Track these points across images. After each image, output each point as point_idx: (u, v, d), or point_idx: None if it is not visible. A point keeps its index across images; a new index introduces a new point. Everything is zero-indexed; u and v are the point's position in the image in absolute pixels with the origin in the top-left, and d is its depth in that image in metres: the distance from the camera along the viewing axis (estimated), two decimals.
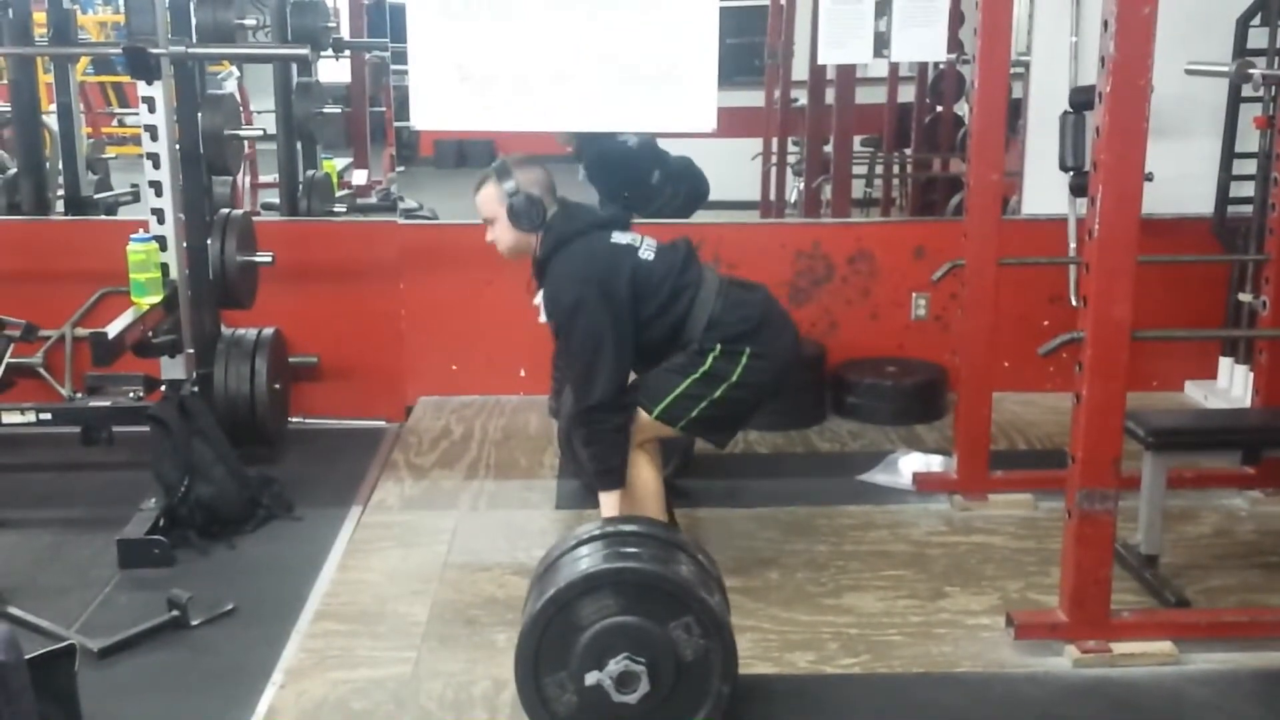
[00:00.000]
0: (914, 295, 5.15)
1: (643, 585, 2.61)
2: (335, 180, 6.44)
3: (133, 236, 4.11)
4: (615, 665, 2.56)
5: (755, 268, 4.44)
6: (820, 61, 5.29)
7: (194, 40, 4.12)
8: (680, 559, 2.73)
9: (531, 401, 5.10)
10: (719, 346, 3.21)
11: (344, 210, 6.18)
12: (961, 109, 6.11)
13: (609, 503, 3.22)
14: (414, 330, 5.15)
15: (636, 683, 2.57)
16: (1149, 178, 2.90)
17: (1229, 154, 4.93)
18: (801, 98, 6.40)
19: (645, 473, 3.28)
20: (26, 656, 2.33)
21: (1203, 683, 2.92)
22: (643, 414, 3.24)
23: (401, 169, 6.16)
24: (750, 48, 6.90)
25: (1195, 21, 4.61)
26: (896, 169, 7.01)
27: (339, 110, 6.47)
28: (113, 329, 3.85)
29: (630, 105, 4.58)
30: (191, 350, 4.25)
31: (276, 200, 6.06)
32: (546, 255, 3.29)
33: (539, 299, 3.34)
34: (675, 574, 2.64)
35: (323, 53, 5.85)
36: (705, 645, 2.60)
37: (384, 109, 6.56)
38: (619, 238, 3.32)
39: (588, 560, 2.68)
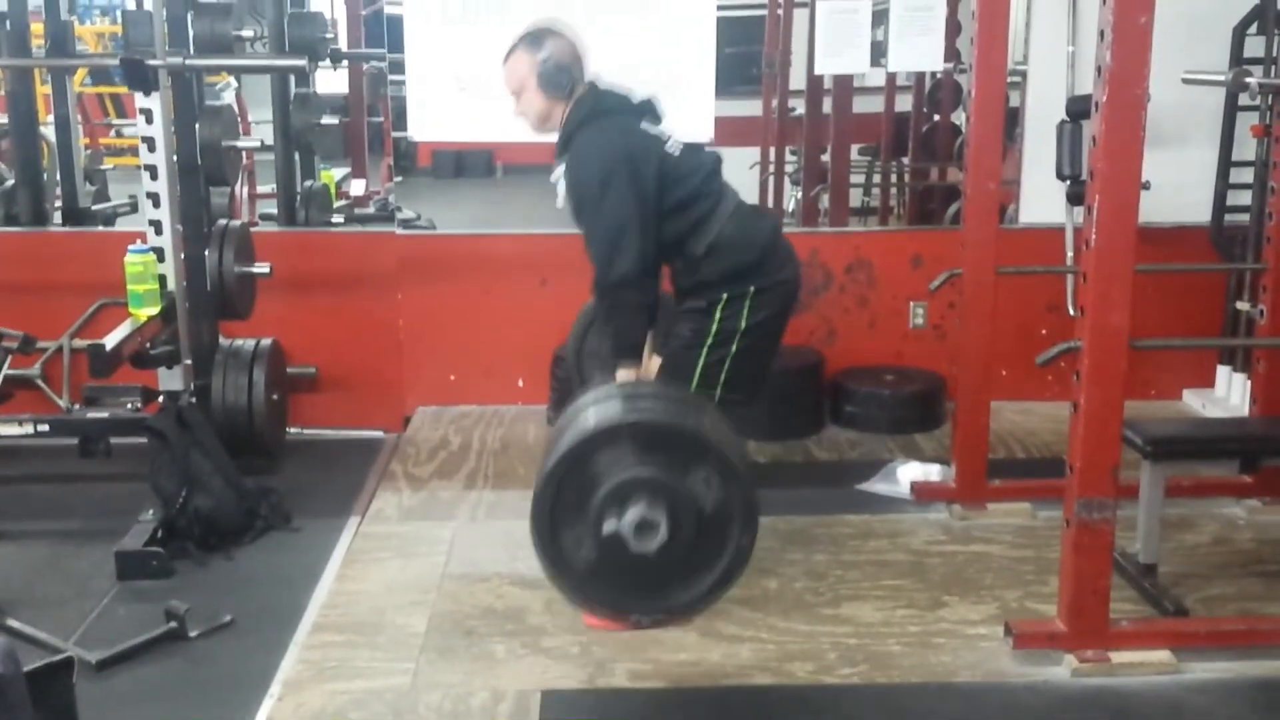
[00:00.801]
0: (912, 304, 5.16)
1: (660, 436, 2.56)
2: (333, 190, 6.44)
3: (130, 248, 4.11)
4: (633, 514, 2.51)
5: None
6: (817, 71, 5.31)
7: (191, 52, 4.12)
8: (698, 413, 2.69)
9: (530, 411, 5.09)
10: (724, 295, 3.20)
11: (342, 220, 6.18)
12: (959, 118, 6.12)
13: (625, 376, 3.21)
14: (412, 340, 5.15)
15: (654, 532, 2.52)
16: (1146, 186, 2.90)
17: (1226, 162, 4.93)
18: (799, 107, 6.41)
19: None
20: (24, 669, 2.33)
21: (1201, 692, 2.92)
22: None
23: (399, 179, 6.16)
24: (748, 57, 6.90)
25: (1192, 30, 4.61)
26: (894, 178, 7.02)
27: (337, 121, 6.47)
28: (110, 340, 3.85)
29: None
30: (189, 361, 4.26)
31: (274, 211, 6.06)
32: (574, 127, 3.23)
33: (558, 173, 3.28)
34: (692, 425, 2.59)
35: (320, 63, 5.85)
36: (724, 496, 2.56)
37: (382, 119, 6.57)
38: (648, 127, 3.28)
39: (604, 413, 2.63)
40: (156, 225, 4.18)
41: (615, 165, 3.14)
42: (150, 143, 4.11)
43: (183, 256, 4.21)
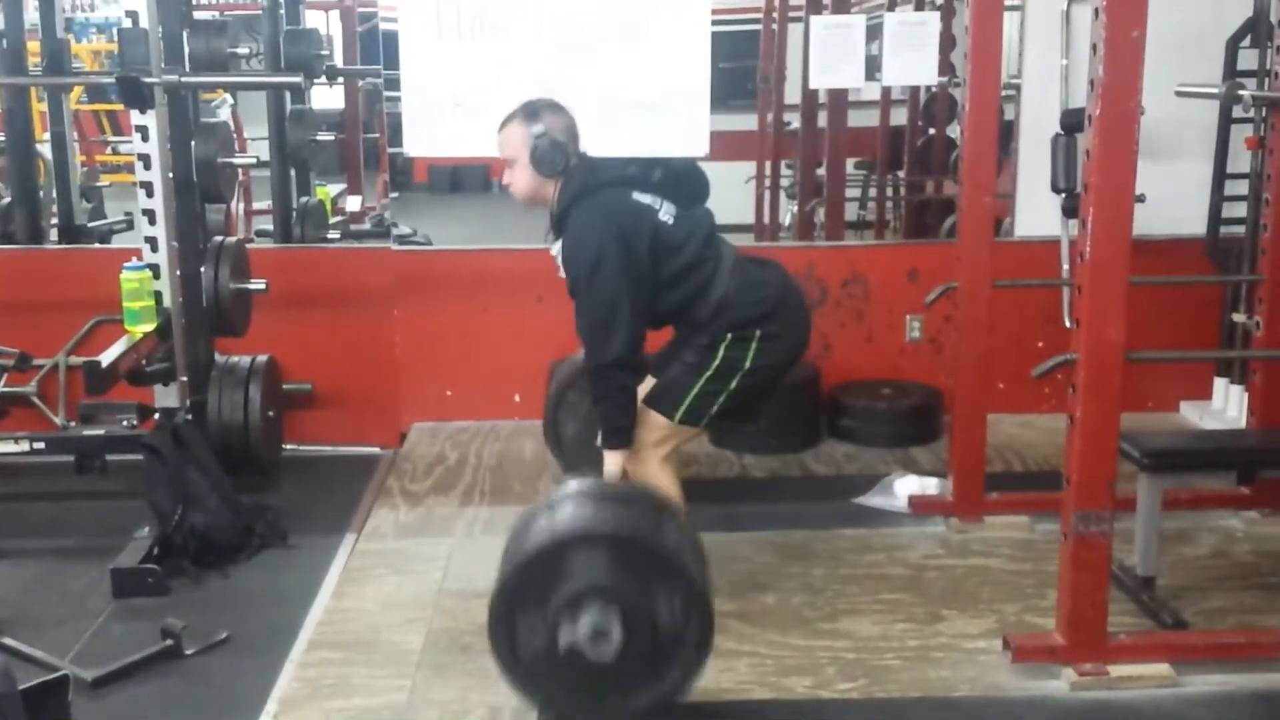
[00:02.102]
0: (908, 318, 5.16)
1: (641, 553, 2.61)
2: (329, 207, 6.45)
3: (126, 265, 4.12)
4: (590, 619, 2.56)
5: None
6: (812, 86, 5.32)
7: (187, 69, 4.13)
8: (677, 531, 2.74)
9: (526, 426, 5.09)
10: (729, 335, 3.19)
11: (338, 237, 6.19)
12: (954, 131, 6.14)
13: (613, 460, 3.20)
14: (408, 356, 5.15)
15: (607, 644, 2.57)
16: (1141, 199, 2.91)
17: (1221, 175, 4.94)
18: (794, 121, 6.43)
19: (670, 493, 3.25)
20: (20, 687, 2.32)
21: (1201, 705, 2.92)
22: (664, 421, 3.22)
23: (395, 195, 6.16)
24: (743, 72, 6.93)
25: (1185, 43, 4.63)
26: (890, 192, 7.03)
27: (333, 137, 6.49)
28: (106, 357, 3.85)
29: (623, 129, 4.59)
30: (185, 378, 4.25)
31: (270, 227, 6.07)
32: (566, 205, 3.23)
33: (555, 249, 3.29)
34: (677, 548, 2.63)
35: (316, 80, 5.87)
36: (684, 622, 2.60)
37: (377, 135, 6.58)
38: (640, 197, 3.27)
39: (589, 514, 2.69)
40: (152, 242, 4.18)
41: (606, 245, 3.13)
42: (146, 160, 4.11)
43: (178, 273, 4.20)
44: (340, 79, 6.56)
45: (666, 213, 3.26)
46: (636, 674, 2.62)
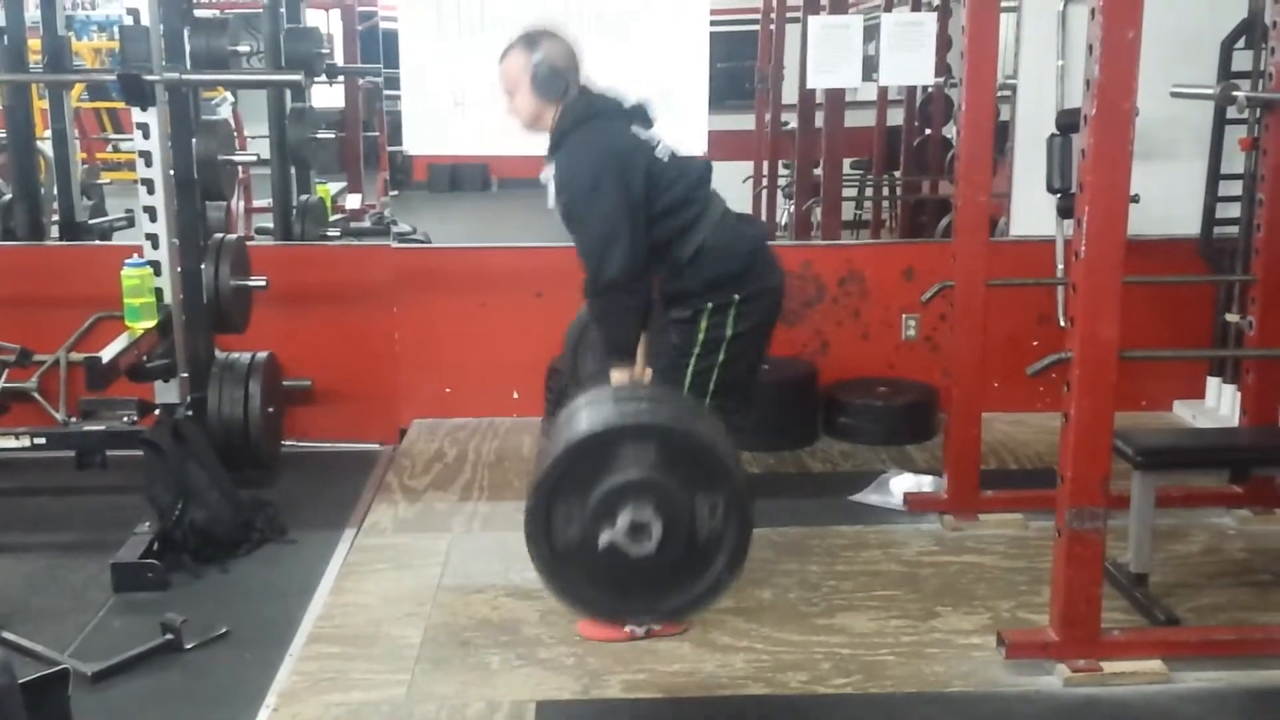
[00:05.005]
0: (904, 316, 5.18)
1: (690, 450, 2.55)
2: (329, 204, 6.47)
3: (127, 261, 4.14)
4: (633, 514, 2.50)
5: None
6: (810, 86, 5.34)
7: (188, 67, 4.14)
8: (729, 443, 2.69)
9: (525, 423, 5.11)
10: (709, 305, 3.18)
11: (337, 234, 6.21)
12: (950, 132, 6.16)
13: (619, 377, 3.19)
14: (407, 353, 5.16)
15: (645, 539, 2.51)
16: (1135, 199, 2.93)
17: (1215, 175, 4.96)
18: (792, 121, 6.46)
19: None
20: (20, 681, 2.34)
21: (1193, 701, 2.94)
22: None
23: (395, 193, 6.19)
24: (741, 72, 6.96)
25: (1180, 44, 4.65)
26: (886, 191, 7.06)
27: (333, 135, 6.50)
28: (107, 353, 3.87)
29: None
30: (185, 374, 4.27)
31: (270, 224, 6.08)
32: (565, 130, 3.21)
33: (545, 175, 3.27)
34: (724, 451, 2.60)
35: (316, 78, 5.89)
36: (723, 530, 2.56)
37: (377, 134, 6.60)
38: (639, 131, 3.27)
39: (647, 409, 2.64)
40: (153, 239, 4.20)
41: (605, 167, 3.13)
42: (147, 157, 4.13)
43: (179, 270, 4.22)
44: (340, 77, 6.59)
45: (663, 151, 3.25)
46: (669, 575, 2.56)
